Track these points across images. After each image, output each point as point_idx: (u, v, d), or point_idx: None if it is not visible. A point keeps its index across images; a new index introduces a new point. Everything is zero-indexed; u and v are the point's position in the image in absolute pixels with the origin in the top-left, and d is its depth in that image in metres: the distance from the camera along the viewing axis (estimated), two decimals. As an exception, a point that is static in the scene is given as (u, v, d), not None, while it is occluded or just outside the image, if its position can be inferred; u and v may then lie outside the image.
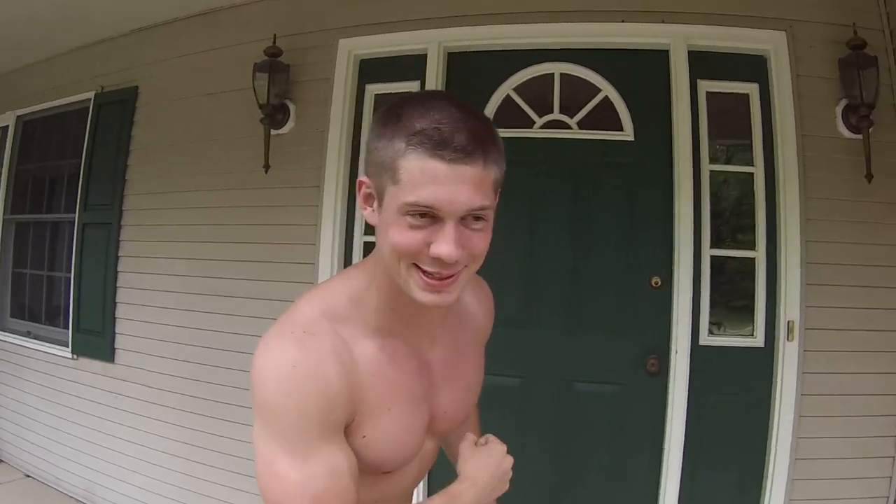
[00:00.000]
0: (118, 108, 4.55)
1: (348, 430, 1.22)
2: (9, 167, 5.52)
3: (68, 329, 4.71)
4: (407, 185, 1.08)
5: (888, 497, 3.11)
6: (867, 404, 3.10)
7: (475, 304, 1.53)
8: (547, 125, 3.45)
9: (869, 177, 3.03)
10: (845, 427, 3.11)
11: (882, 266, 3.09)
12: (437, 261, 1.11)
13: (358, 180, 1.20)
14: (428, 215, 1.10)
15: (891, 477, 3.10)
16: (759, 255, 3.23)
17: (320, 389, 1.15)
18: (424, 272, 1.13)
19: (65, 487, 4.77)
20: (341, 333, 1.20)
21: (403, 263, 1.14)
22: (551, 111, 3.46)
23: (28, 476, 5.06)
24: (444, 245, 1.09)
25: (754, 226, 3.26)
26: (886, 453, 3.10)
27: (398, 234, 1.11)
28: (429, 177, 1.06)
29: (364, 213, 1.20)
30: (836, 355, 3.11)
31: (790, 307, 3.12)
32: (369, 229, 3.66)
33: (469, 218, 1.11)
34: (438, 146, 1.05)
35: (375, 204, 1.17)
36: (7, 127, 5.58)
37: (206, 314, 4.00)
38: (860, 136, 3.06)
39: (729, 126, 3.44)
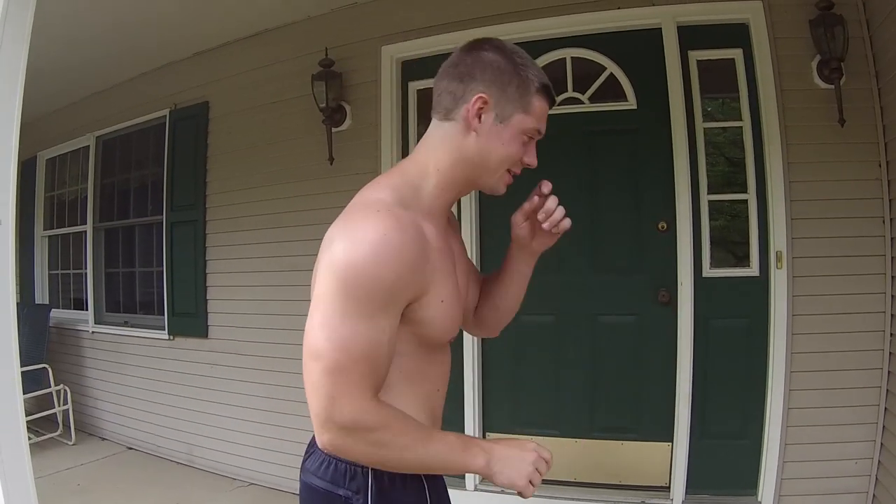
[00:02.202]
0: (192, 121, 5.26)
1: (426, 301, 1.41)
2: (93, 182, 6.29)
3: (164, 315, 5.43)
4: (534, 116, 1.49)
5: (879, 405, 3.42)
6: (852, 321, 3.44)
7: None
8: (562, 102, 4.00)
9: (841, 121, 3.35)
10: (835, 342, 3.47)
11: (856, 199, 3.43)
12: (517, 167, 1.54)
13: (478, 95, 1.44)
14: (532, 137, 1.53)
15: (880, 387, 3.41)
16: (751, 196, 3.69)
17: (403, 261, 1.31)
18: (510, 173, 1.55)
19: (165, 454, 5.45)
20: (412, 214, 1.41)
21: (505, 166, 1.52)
22: (566, 90, 4.01)
23: (130, 448, 5.74)
24: (534, 158, 1.54)
25: (745, 172, 3.72)
26: (875, 365, 3.41)
27: (515, 146, 1.50)
28: (545, 115, 1.52)
29: (472, 121, 1.45)
30: (820, 279, 3.49)
31: (778, 239, 3.54)
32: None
33: None
34: (552, 98, 1.53)
35: (488, 118, 1.46)
36: (88, 147, 6.36)
37: (283, 287, 4.65)
38: (833, 87, 3.37)
39: (718, 87, 3.89)
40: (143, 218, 5.86)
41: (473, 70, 1.49)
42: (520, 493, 1.44)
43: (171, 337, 5.39)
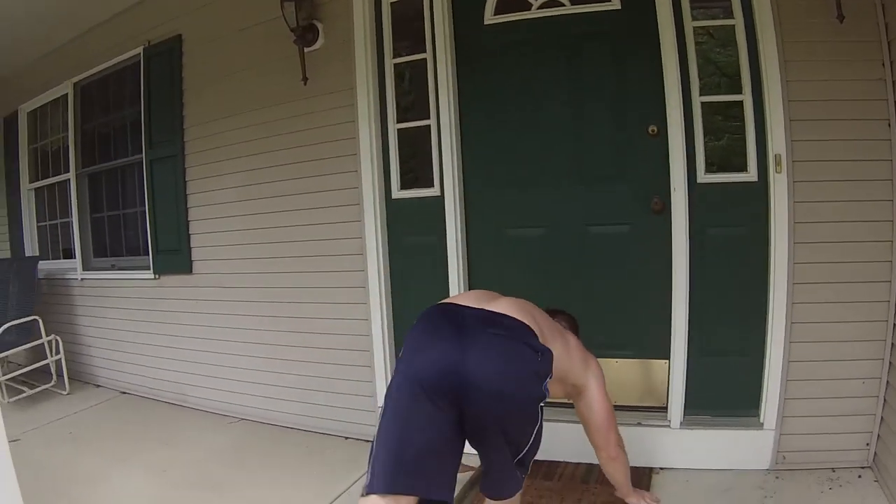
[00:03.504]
0: (166, 56, 5.10)
1: None
2: (73, 129, 6.15)
3: (149, 255, 5.34)
4: None
5: (887, 321, 3.26)
6: (858, 230, 3.28)
7: None
8: (543, 5, 3.78)
9: (840, 17, 3.13)
10: (840, 252, 3.31)
11: (855, 100, 3.23)
12: None
13: None
14: None
15: (888, 301, 3.25)
16: (746, 97, 3.46)
17: None
18: None
19: (158, 395, 5.42)
20: None
21: None
22: (546, -8, 3.84)
23: (124, 393, 5.71)
24: None
25: (739, 72, 3.50)
26: (883, 278, 3.26)
27: None
28: None
29: None
30: (823, 185, 3.31)
31: (776, 142, 3.35)
32: (402, 117, 4.17)
33: None
34: None
35: None
36: (66, 94, 6.22)
37: (265, 214, 4.57)
38: None
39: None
40: (124, 159, 5.72)
41: None
42: None
43: (157, 276, 5.30)
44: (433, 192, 4.06)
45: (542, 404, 2.28)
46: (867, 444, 3.36)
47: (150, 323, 5.39)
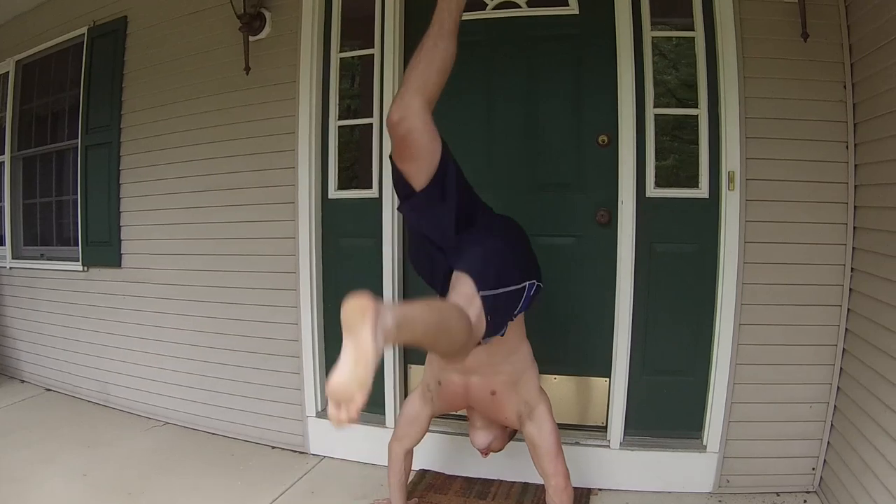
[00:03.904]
0: (111, 38, 4.86)
1: None
2: (12, 109, 5.86)
3: (78, 245, 5.08)
4: None
5: (836, 345, 3.27)
6: (810, 253, 3.28)
7: None
8: (499, 6, 3.67)
9: (805, 35, 3.13)
10: (791, 274, 3.30)
11: (816, 121, 3.22)
12: None
13: None
14: None
15: (838, 325, 3.26)
16: (702, 112, 3.40)
17: None
18: None
19: (83, 394, 5.16)
20: None
21: None
22: (502, -7, 3.71)
23: (49, 390, 5.44)
24: None
25: (697, 86, 3.43)
26: (833, 302, 3.26)
27: None
28: None
29: None
30: (776, 205, 3.29)
31: (731, 159, 3.29)
32: (344, 114, 4.01)
33: None
34: None
35: None
36: (7, 73, 5.92)
37: (200, 209, 4.36)
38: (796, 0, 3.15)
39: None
40: (60, 143, 5.45)
41: None
42: None
43: (85, 268, 5.05)
44: (371, 193, 3.88)
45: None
46: (813, 469, 3.35)
47: (78, 318, 5.14)
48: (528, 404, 2.74)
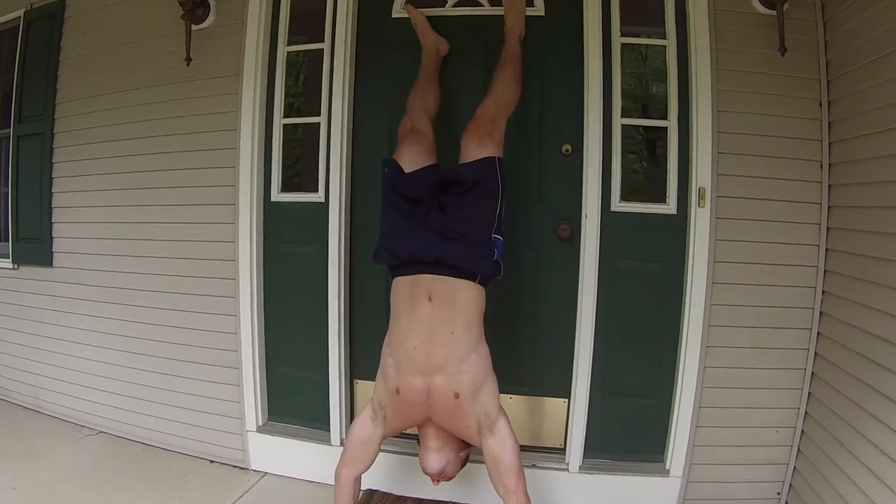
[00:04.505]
0: (48, 22, 4.54)
1: None
2: (-57, 93, 5.49)
3: (8, 241, 4.78)
4: None
5: (805, 369, 3.21)
6: (781, 274, 3.20)
7: None
8: (460, 3, 3.48)
9: (783, 50, 3.05)
10: (760, 296, 3.22)
11: (792, 138, 3.16)
12: None
13: None
14: None
15: (807, 348, 3.21)
16: (671, 124, 3.27)
17: None
18: None
19: (14, 398, 4.87)
20: None
21: None
22: (463, -11, 3.51)
23: (-21, 394, 5.13)
24: None
25: (667, 97, 3.30)
26: (803, 325, 3.20)
27: None
28: None
29: None
30: (747, 223, 3.20)
31: (701, 174, 3.18)
32: (289, 112, 3.76)
33: None
34: None
35: None
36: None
37: (136, 207, 4.10)
38: (774, 12, 3.08)
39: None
40: (-8, 132, 5.12)
41: None
42: None
43: (16, 266, 4.74)
44: (317, 197, 3.64)
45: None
46: (778, 493, 3.31)
47: (8, 318, 4.84)
48: (488, 415, 2.64)
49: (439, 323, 2.65)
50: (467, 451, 2.90)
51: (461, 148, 2.89)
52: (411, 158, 2.92)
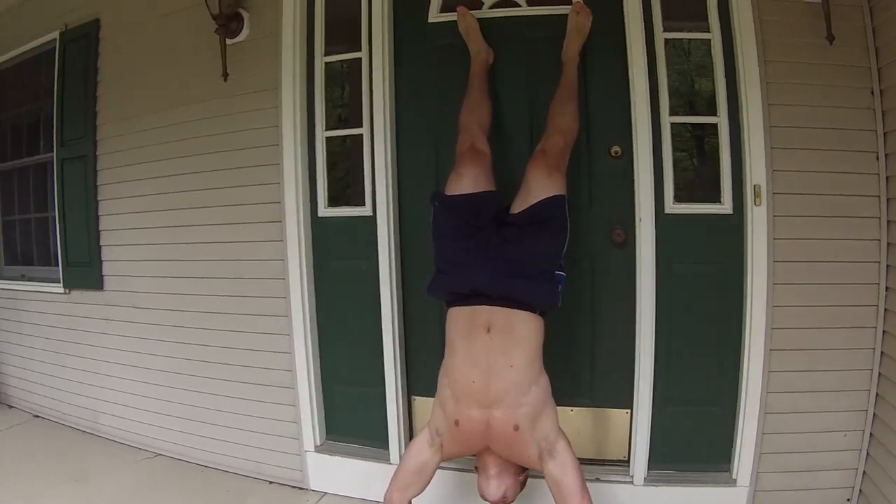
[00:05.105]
0: (83, 42, 4.54)
1: None
2: (-19, 121, 5.55)
3: (59, 265, 4.81)
4: None
5: (872, 370, 3.09)
6: (843, 271, 3.08)
7: None
8: (496, 5, 3.38)
9: (830, 38, 2.93)
10: (822, 295, 3.10)
11: (843, 129, 3.04)
12: None
13: None
14: None
15: (873, 348, 3.08)
16: (722, 120, 3.15)
17: None
18: None
19: (71, 421, 4.90)
20: None
21: None
22: (498, -10, 3.42)
23: (37, 416, 5.18)
24: None
25: (715, 92, 3.18)
26: (868, 324, 3.08)
27: None
28: None
29: None
30: (806, 220, 3.09)
31: (756, 171, 3.06)
32: (331, 123, 3.70)
33: None
34: None
35: None
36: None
37: (183, 228, 4.08)
38: (819, 1, 2.96)
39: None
40: (37, 156, 5.15)
41: None
42: None
43: (67, 290, 4.77)
44: (364, 210, 3.58)
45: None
46: (848, 500, 3.18)
47: (62, 342, 4.87)
48: (547, 440, 2.62)
49: (498, 354, 2.61)
50: (526, 474, 2.86)
51: (527, 176, 2.86)
52: (472, 180, 2.89)
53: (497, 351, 2.62)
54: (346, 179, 3.81)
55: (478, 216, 2.82)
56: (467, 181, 2.88)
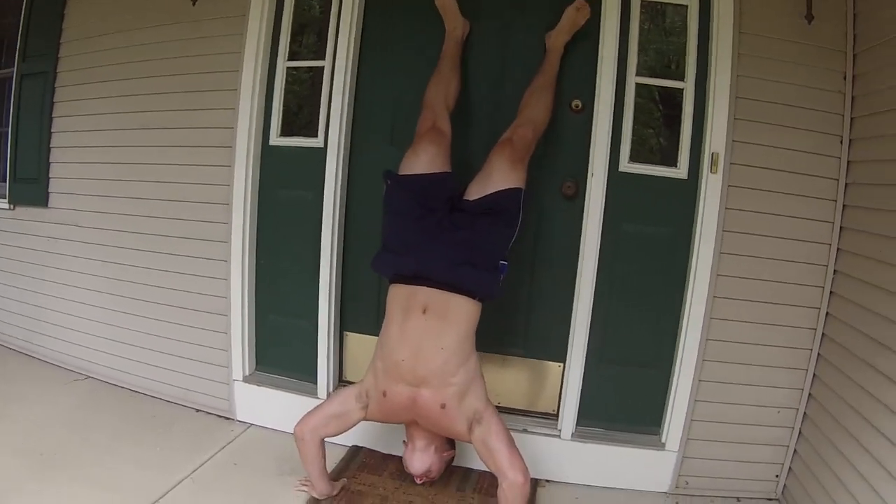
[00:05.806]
0: (55, -43, 4.45)
1: None
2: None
3: (6, 181, 4.72)
4: None
5: (811, 349, 3.13)
6: (792, 249, 3.11)
7: None
8: None
9: (809, 17, 2.94)
10: (769, 270, 3.13)
11: (810, 109, 3.05)
12: None
13: None
14: None
15: (815, 329, 3.12)
16: (688, 86, 3.15)
17: None
18: None
19: (7, 341, 4.82)
20: None
21: None
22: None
23: (-28, 335, 5.08)
24: None
25: (685, 57, 3.18)
26: (812, 304, 3.12)
27: None
28: None
29: None
30: (760, 194, 3.10)
31: (716, 139, 3.06)
32: (293, 56, 3.65)
33: None
34: None
35: None
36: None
37: (137, 148, 4.00)
38: None
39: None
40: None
41: None
42: None
43: (12, 206, 4.67)
44: (316, 142, 3.52)
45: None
46: (776, 476, 3.25)
47: (5, 259, 4.79)
48: (476, 412, 2.68)
49: (430, 337, 2.65)
50: (452, 453, 2.96)
51: (489, 163, 2.91)
52: (429, 159, 2.89)
53: (430, 333, 2.65)
54: (302, 112, 3.77)
55: (431, 198, 2.84)
56: (424, 160, 2.88)
